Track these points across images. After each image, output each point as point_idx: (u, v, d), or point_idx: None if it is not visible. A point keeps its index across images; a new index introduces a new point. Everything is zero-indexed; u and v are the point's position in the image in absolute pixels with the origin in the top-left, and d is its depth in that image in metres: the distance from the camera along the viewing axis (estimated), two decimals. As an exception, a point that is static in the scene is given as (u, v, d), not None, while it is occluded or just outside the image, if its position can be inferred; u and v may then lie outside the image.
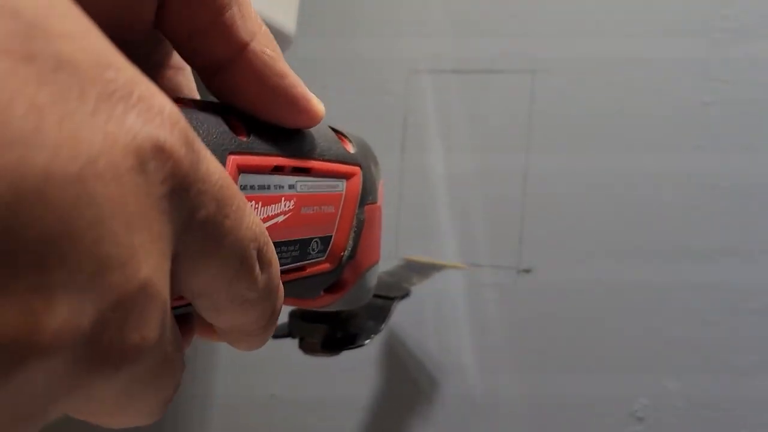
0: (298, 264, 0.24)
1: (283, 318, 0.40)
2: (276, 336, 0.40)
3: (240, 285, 0.15)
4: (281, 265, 0.19)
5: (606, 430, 0.55)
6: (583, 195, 0.56)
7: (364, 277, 0.34)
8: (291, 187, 0.24)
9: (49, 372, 0.10)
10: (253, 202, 0.19)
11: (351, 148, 0.30)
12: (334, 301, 0.33)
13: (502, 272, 0.57)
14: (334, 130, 0.28)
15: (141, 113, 0.11)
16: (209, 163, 0.13)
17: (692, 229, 0.54)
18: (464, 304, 0.58)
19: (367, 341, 0.41)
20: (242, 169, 0.19)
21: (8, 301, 0.09)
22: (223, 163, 0.17)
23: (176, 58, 0.21)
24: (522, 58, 0.57)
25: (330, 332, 0.38)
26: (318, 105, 0.20)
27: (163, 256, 0.12)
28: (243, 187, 0.19)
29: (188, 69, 0.21)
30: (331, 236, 0.29)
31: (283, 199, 0.22)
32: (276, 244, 0.18)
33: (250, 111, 0.19)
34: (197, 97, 0.23)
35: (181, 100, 0.17)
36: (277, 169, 0.21)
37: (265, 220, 0.20)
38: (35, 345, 0.09)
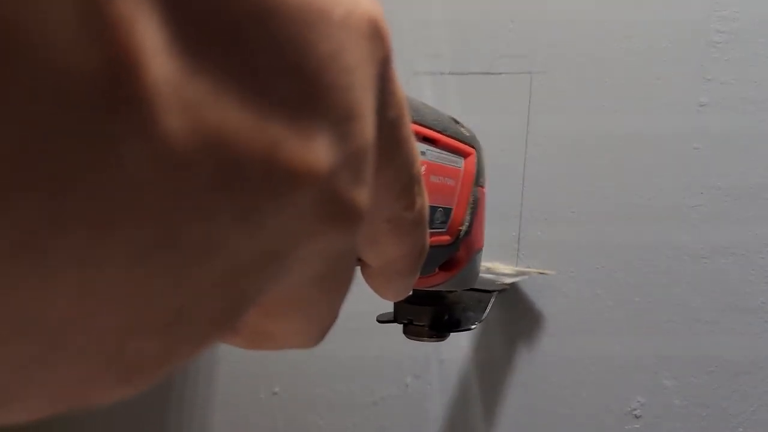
0: None
1: (388, 306, 0.40)
2: (381, 321, 0.41)
3: (402, 203, 0.15)
4: None
5: (604, 428, 0.55)
6: (582, 196, 0.56)
7: (474, 259, 0.34)
8: (422, 153, 0.25)
9: (298, 208, 0.10)
10: None
11: (465, 132, 0.31)
12: (446, 279, 0.33)
13: (501, 272, 0.58)
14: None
15: None
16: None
17: (692, 229, 0.54)
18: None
19: (473, 326, 0.40)
20: None
21: (311, 124, 0.09)
22: None
23: None
24: (520, 60, 0.58)
25: (437, 315, 0.38)
26: None
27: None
28: None
29: None
30: (451, 209, 0.29)
31: None
32: None
33: None
34: None
35: None
36: None
37: None
38: (307, 170, 0.10)
